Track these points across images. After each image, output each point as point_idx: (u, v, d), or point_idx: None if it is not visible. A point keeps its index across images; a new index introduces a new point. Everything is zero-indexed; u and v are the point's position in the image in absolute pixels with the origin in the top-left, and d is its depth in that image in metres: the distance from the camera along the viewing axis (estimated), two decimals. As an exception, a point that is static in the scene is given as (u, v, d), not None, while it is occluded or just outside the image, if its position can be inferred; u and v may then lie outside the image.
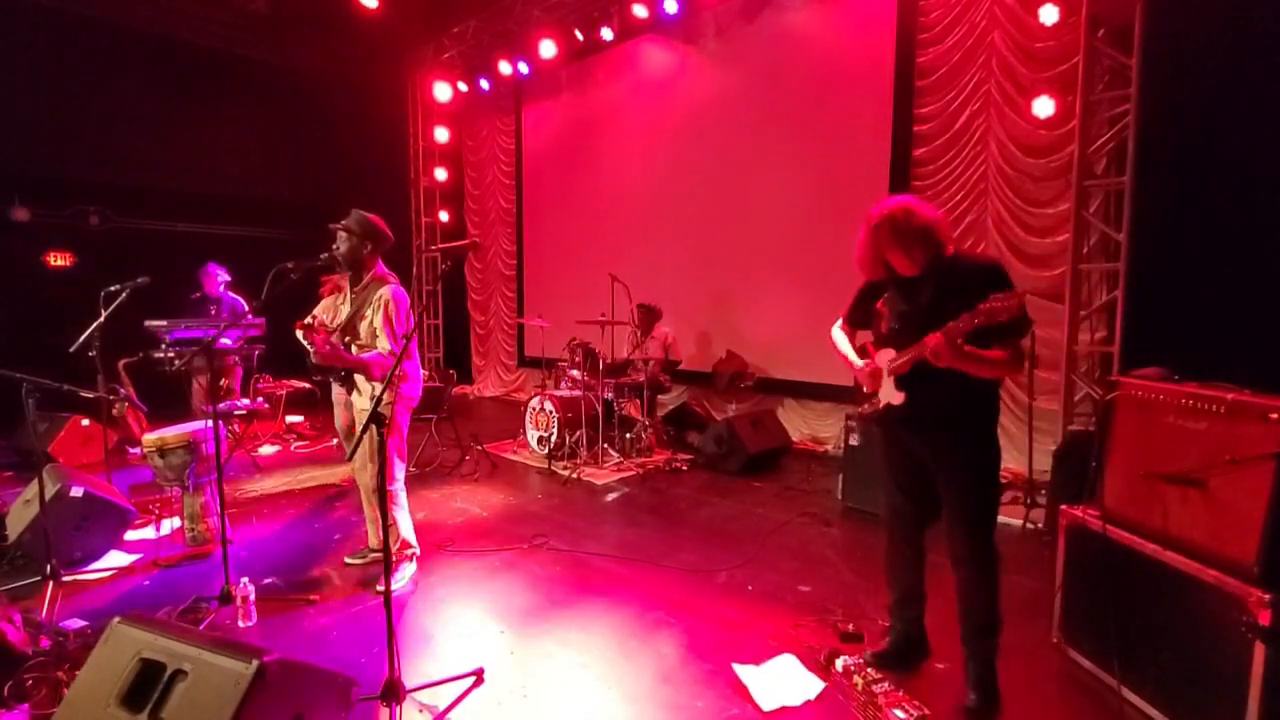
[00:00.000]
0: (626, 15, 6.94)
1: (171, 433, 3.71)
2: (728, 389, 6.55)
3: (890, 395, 2.36)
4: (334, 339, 3.11)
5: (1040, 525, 4.02)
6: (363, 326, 3.21)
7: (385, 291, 3.21)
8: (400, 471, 3.39)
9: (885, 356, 2.37)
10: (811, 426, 6.35)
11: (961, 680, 2.33)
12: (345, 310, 3.31)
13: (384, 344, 3.13)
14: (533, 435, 5.96)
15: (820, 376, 6.18)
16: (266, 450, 6.12)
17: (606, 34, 7.31)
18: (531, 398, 5.98)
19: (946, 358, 2.06)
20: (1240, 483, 1.98)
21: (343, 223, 3.23)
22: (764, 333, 6.64)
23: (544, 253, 9.09)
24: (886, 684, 2.36)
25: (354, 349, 3.19)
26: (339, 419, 3.44)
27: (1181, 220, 4.20)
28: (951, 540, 2.28)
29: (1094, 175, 4.61)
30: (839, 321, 2.69)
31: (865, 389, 2.49)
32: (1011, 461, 4.66)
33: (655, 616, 2.98)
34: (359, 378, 3.25)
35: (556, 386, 6.24)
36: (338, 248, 3.22)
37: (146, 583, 3.39)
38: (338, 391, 3.38)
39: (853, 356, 2.56)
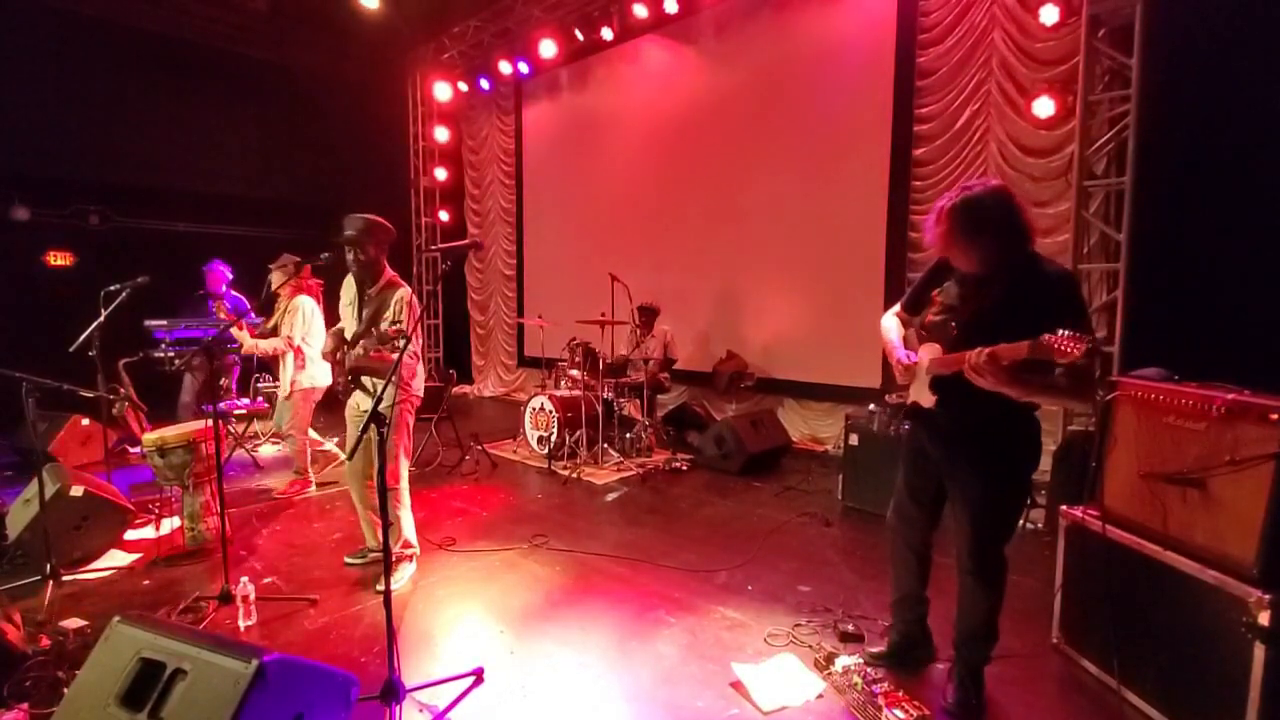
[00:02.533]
0: (627, 15, 6.95)
1: (171, 432, 3.72)
2: (728, 389, 6.55)
3: (921, 395, 2.19)
4: (365, 342, 3.18)
5: (1040, 525, 4.02)
6: (385, 327, 3.22)
7: (404, 293, 3.26)
8: (405, 471, 3.40)
9: (929, 351, 2.17)
10: (811, 426, 6.35)
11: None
12: (352, 313, 3.33)
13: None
14: (533, 435, 5.96)
15: (820, 376, 6.19)
16: (267, 450, 6.11)
17: (607, 34, 7.32)
18: (531, 397, 5.98)
19: (989, 380, 1.82)
20: (1240, 483, 1.97)
21: (345, 235, 3.19)
22: (764, 333, 6.64)
23: (544, 253, 9.09)
24: (886, 684, 2.36)
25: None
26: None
27: (1181, 220, 4.20)
28: (960, 550, 2.23)
29: (1094, 175, 4.61)
30: (894, 307, 2.44)
31: (899, 379, 2.31)
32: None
33: (655, 616, 2.98)
34: (365, 380, 3.27)
35: (556, 386, 6.24)
36: (353, 261, 3.22)
37: (146, 582, 3.39)
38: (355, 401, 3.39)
39: (899, 348, 2.30)
